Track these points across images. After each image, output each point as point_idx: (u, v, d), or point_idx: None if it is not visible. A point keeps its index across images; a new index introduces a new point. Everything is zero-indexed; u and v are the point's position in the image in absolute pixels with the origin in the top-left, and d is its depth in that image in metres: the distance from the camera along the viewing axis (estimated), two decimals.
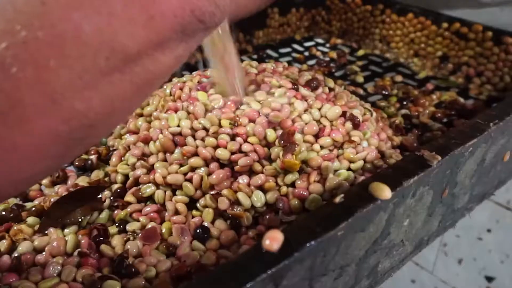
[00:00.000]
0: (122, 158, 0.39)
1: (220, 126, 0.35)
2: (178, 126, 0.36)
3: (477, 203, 0.39)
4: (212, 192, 0.34)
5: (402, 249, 0.31)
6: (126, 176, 0.37)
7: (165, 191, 0.35)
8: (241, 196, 0.33)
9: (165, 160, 0.36)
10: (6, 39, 0.15)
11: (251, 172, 0.35)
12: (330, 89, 0.40)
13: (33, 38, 0.16)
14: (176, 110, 0.37)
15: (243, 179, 0.34)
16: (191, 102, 0.37)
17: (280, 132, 0.34)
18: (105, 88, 0.18)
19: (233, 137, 0.35)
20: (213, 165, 0.34)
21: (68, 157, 0.20)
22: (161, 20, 0.18)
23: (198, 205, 0.35)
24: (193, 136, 0.35)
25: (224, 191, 0.33)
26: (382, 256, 0.29)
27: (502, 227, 0.72)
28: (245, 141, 0.34)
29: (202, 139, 0.35)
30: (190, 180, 0.35)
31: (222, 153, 0.34)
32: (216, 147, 0.34)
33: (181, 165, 0.35)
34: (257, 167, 0.34)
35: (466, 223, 0.74)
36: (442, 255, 0.80)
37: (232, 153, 0.34)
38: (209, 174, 0.34)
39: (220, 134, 0.34)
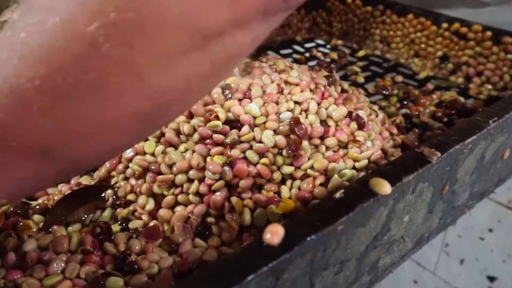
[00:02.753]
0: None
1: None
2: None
3: (477, 200, 0.39)
4: None
5: (403, 245, 0.32)
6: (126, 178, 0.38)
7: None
8: (246, 213, 0.32)
9: None
10: (99, 20, 0.17)
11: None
12: (343, 91, 0.41)
13: (122, 19, 0.17)
14: None
15: (247, 193, 0.33)
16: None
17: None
18: (185, 67, 0.19)
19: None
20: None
21: (144, 134, 0.23)
22: (245, 0, 0.18)
23: None
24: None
25: (233, 200, 0.33)
26: (383, 252, 0.30)
27: (504, 226, 0.73)
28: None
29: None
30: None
31: (216, 199, 0.33)
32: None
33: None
34: (260, 181, 0.34)
35: (467, 223, 0.75)
36: (444, 255, 0.80)
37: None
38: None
39: (207, 171, 0.32)
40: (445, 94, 0.56)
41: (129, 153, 0.36)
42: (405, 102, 0.53)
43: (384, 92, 0.56)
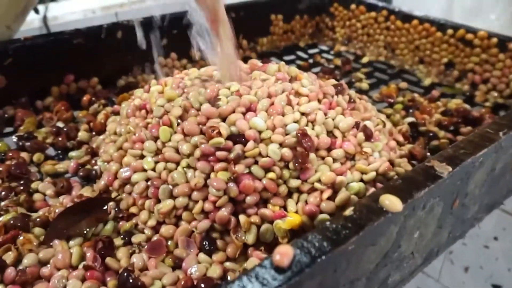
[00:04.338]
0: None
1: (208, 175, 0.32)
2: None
3: (486, 213, 0.39)
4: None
5: (412, 261, 0.31)
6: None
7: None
8: (251, 232, 0.31)
9: None
10: None
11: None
12: (351, 100, 0.40)
13: None
14: (142, 142, 0.36)
15: (252, 209, 0.32)
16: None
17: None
18: None
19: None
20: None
21: None
22: None
23: None
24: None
25: (241, 218, 0.32)
26: (393, 269, 0.29)
27: (509, 235, 0.72)
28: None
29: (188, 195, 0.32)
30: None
31: (222, 215, 0.32)
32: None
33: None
34: (266, 195, 0.33)
35: (472, 231, 0.74)
36: (448, 263, 0.79)
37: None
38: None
39: (211, 187, 0.31)
40: (451, 102, 0.55)
41: (125, 172, 0.35)
42: (411, 110, 0.53)
43: (389, 99, 0.55)
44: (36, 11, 0.82)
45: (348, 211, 0.24)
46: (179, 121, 0.35)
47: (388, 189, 0.26)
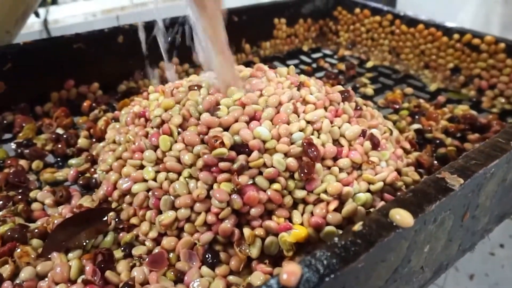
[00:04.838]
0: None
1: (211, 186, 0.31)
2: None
3: (496, 224, 0.38)
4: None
5: (422, 276, 0.30)
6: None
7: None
8: (256, 245, 0.30)
9: None
10: None
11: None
12: (357, 107, 0.39)
13: None
14: (141, 151, 0.35)
15: (257, 221, 0.31)
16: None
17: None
18: None
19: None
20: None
21: None
22: None
23: None
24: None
25: (246, 232, 0.31)
26: (402, 284, 0.28)
27: None
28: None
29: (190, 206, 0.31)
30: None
31: (225, 227, 0.31)
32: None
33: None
34: (271, 206, 0.32)
35: None
36: (453, 270, 0.78)
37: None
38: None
39: (214, 199, 0.31)
40: (457, 108, 0.54)
41: (125, 183, 0.34)
42: (417, 116, 0.52)
43: (395, 105, 0.54)
44: (37, 15, 0.82)
45: (357, 226, 0.23)
46: (179, 130, 0.34)
47: (398, 202, 0.25)
